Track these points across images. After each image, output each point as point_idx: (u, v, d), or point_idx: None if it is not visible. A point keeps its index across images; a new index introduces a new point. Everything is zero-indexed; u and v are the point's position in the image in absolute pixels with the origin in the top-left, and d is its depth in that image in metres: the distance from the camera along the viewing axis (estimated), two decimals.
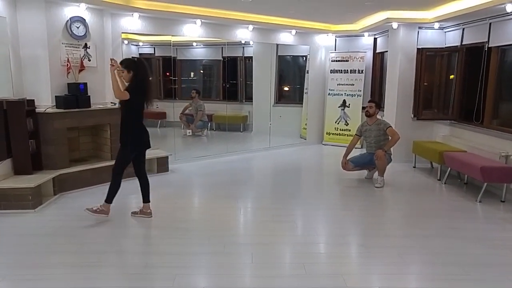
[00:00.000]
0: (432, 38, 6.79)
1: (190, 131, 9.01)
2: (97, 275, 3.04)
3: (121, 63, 3.97)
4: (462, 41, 6.28)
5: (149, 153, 6.10)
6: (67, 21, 5.08)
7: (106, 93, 5.64)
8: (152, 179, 5.75)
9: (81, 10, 5.20)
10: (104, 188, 4.91)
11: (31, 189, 4.35)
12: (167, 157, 6.21)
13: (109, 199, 4.06)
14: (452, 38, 6.59)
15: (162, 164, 6.13)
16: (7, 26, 4.63)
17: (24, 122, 4.63)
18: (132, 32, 6.24)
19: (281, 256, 3.50)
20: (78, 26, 5.18)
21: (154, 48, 9.45)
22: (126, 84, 3.98)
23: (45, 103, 4.93)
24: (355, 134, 5.96)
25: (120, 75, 3.94)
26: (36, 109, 4.85)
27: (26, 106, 4.68)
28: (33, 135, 4.83)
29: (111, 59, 3.97)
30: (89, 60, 5.38)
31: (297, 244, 3.72)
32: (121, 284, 2.93)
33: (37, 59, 4.90)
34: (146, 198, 4.24)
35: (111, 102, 5.59)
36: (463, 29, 6.22)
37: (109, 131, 5.52)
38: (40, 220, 4.14)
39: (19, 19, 4.83)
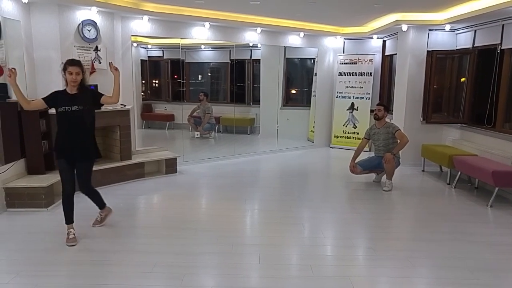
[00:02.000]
0: (442, 40, 6.74)
1: (198, 133, 9.06)
2: (107, 273, 3.08)
3: (75, 64, 3.53)
4: (474, 43, 6.22)
5: (158, 155, 6.21)
6: (79, 24, 5.17)
7: None
8: (161, 180, 5.86)
9: (93, 14, 5.28)
10: (114, 188, 4.98)
11: (44, 188, 4.44)
12: (175, 159, 6.25)
13: (102, 205, 3.97)
14: (463, 40, 6.54)
15: (171, 166, 6.18)
16: (22, 29, 4.73)
17: (37, 123, 4.72)
18: (142, 35, 6.31)
19: (288, 257, 3.50)
20: (89, 29, 5.26)
21: (163, 50, 9.54)
22: (75, 87, 3.53)
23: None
24: (364, 137, 5.95)
25: (74, 79, 3.49)
26: (49, 111, 4.92)
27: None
28: (45, 136, 4.91)
29: (111, 63, 3.71)
30: (100, 63, 5.45)
31: (304, 245, 3.72)
32: (130, 282, 2.95)
33: (50, 61, 4.98)
34: (102, 204, 3.97)
35: (121, 104, 5.64)
36: (475, 31, 6.16)
37: (119, 133, 5.57)
38: (52, 218, 4.20)
39: (33, 22, 4.93)
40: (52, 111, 4.84)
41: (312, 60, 9.20)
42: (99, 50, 5.42)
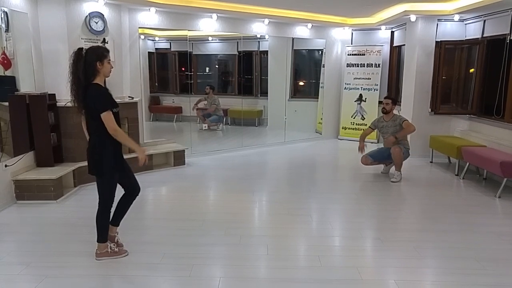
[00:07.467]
0: (451, 30, 6.66)
1: (206, 125, 9.08)
2: (116, 264, 3.12)
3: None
4: (483, 33, 6.14)
5: (166, 147, 6.25)
6: (86, 16, 5.18)
7: (123, 87, 5.74)
8: (169, 172, 5.90)
9: (100, 6, 5.29)
10: None
11: (53, 180, 4.49)
12: (183, 151, 6.29)
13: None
14: (472, 30, 6.45)
15: (179, 158, 6.21)
16: (29, 21, 4.75)
17: (45, 116, 4.76)
18: (149, 27, 6.31)
19: (296, 248, 3.52)
20: (96, 21, 5.27)
21: (170, 43, 9.54)
22: (101, 79, 3.12)
23: (65, 97, 4.99)
24: (369, 127, 5.92)
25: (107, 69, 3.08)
26: (57, 103, 4.97)
27: (48, 100, 4.80)
28: (54, 129, 4.96)
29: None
30: None
31: (312, 237, 3.74)
32: (139, 273, 2.99)
33: (58, 54, 5.01)
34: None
35: (129, 96, 5.68)
36: (484, 21, 6.08)
37: (127, 125, 5.60)
38: (61, 210, 4.26)
39: (40, 14, 4.95)
40: (61, 103, 4.95)
41: (320, 52, 9.14)
42: (107, 43, 5.43)
